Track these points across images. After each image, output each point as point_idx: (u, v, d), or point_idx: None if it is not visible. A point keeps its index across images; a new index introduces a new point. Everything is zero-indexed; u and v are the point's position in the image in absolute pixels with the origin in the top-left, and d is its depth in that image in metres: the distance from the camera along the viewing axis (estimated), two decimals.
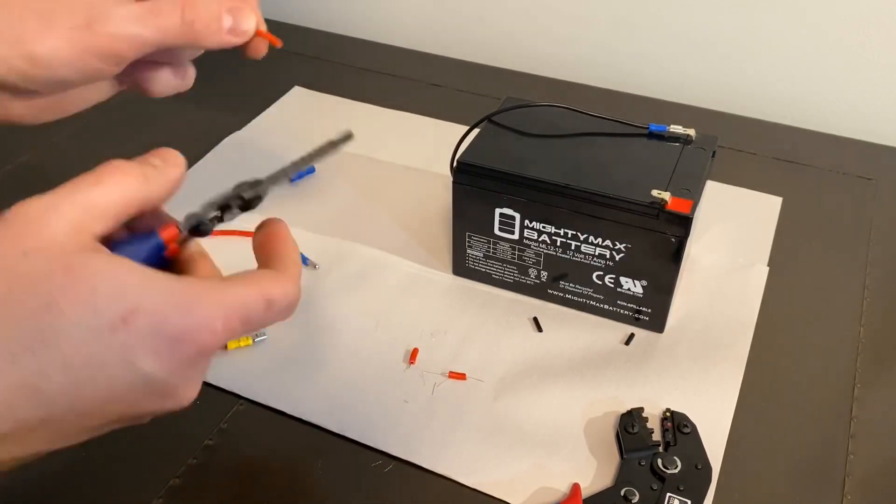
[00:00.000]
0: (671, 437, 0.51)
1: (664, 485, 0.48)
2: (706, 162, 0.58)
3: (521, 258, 0.61)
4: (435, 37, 0.99)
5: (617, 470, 0.50)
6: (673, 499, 0.48)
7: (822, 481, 0.51)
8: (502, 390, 0.56)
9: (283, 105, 0.87)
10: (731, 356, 0.58)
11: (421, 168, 0.76)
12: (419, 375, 0.57)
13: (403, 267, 0.66)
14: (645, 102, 0.87)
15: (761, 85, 0.88)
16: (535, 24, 0.95)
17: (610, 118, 0.61)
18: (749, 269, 0.66)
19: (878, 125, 0.85)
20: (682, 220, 0.54)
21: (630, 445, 0.51)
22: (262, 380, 0.56)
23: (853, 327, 0.61)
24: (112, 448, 0.52)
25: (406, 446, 0.52)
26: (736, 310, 0.62)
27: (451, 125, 0.82)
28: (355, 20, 1.03)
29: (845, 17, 0.81)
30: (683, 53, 0.90)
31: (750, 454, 0.52)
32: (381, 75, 0.92)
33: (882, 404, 0.56)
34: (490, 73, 0.93)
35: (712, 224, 0.69)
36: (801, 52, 0.85)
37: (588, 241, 0.57)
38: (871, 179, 0.77)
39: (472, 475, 0.50)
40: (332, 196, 0.73)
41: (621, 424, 0.52)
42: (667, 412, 0.53)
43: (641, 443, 0.51)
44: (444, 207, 0.68)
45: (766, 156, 0.80)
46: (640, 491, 0.48)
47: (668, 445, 0.51)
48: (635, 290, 0.58)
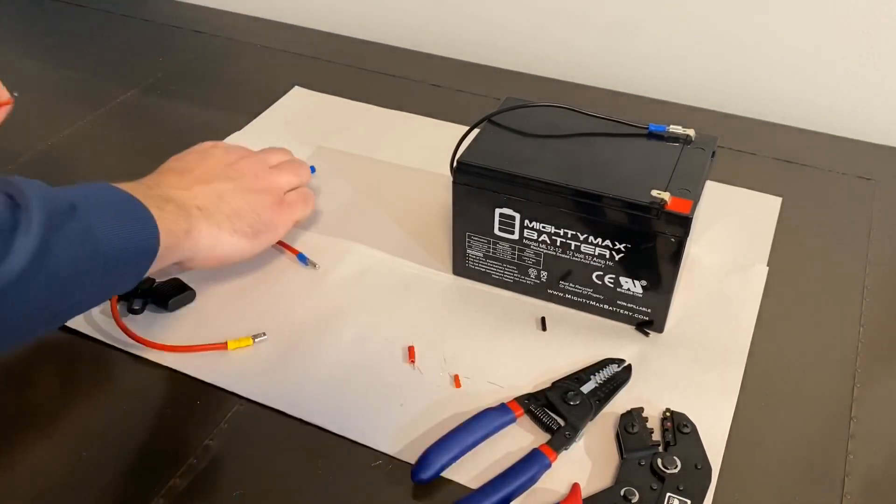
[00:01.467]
0: (671, 437, 0.51)
1: (664, 485, 0.48)
2: (706, 162, 0.58)
3: (520, 258, 0.61)
4: (435, 37, 0.99)
5: (616, 470, 0.50)
6: (673, 499, 0.48)
7: (822, 481, 0.51)
8: (502, 390, 0.56)
9: (283, 105, 0.87)
10: (731, 356, 0.58)
11: (421, 168, 0.76)
12: (419, 375, 0.57)
13: (403, 267, 0.66)
14: (645, 102, 0.87)
15: (761, 85, 0.88)
16: (535, 24, 0.95)
17: (610, 118, 0.61)
18: (749, 269, 0.66)
19: (878, 125, 0.85)
20: (682, 220, 0.54)
21: (630, 445, 0.51)
22: (262, 380, 0.56)
23: (853, 327, 0.61)
24: (112, 448, 0.52)
25: (406, 447, 0.52)
26: (736, 310, 0.62)
27: (451, 125, 0.82)
28: (355, 20, 1.03)
29: (845, 17, 0.81)
30: (683, 53, 0.90)
31: (750, 454, 0.52)
32: (381, 75, 0.92)
33: (882, 404, 0.56)
34: (490, 73, 0.93)
35: (712, 224, 0.69)
36: (802, 52, 0.85)
37: (588, 241, 0.57)
38: (871, 179, 0.77)
39: (472, 475, 0.50)
40: (332, 196, 0.73)
41: (621, 424, 0.52)
42: (666, 412, 0.53)
43: (641, 443, 0.51)
44: (444, 207, 0.69)
45: (766, 156, 0.80)
46: (640, 491, 0.48)
47: (667, 445, 0.51)
48: (635, 290, 0.58)
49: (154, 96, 0.89)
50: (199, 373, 0.56)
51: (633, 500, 0.47)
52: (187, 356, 0.57)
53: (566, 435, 0.51)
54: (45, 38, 1.01)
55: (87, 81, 0.92)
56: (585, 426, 0.52)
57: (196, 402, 0.55)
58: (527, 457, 0.50)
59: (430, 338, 0.59)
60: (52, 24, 1.05)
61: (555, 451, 0.50)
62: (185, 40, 1.00)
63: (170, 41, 1.00)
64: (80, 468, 0.51)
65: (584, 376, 0.55)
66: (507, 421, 0.52)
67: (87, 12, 1.06)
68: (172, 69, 0.94)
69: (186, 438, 0.53)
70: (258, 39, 0.99)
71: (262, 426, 0.53)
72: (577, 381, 0.55)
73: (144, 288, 0.61)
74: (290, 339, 0.59)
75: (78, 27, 1.04)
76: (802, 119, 0.86)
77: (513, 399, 0.53)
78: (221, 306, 0.62)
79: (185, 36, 1.01)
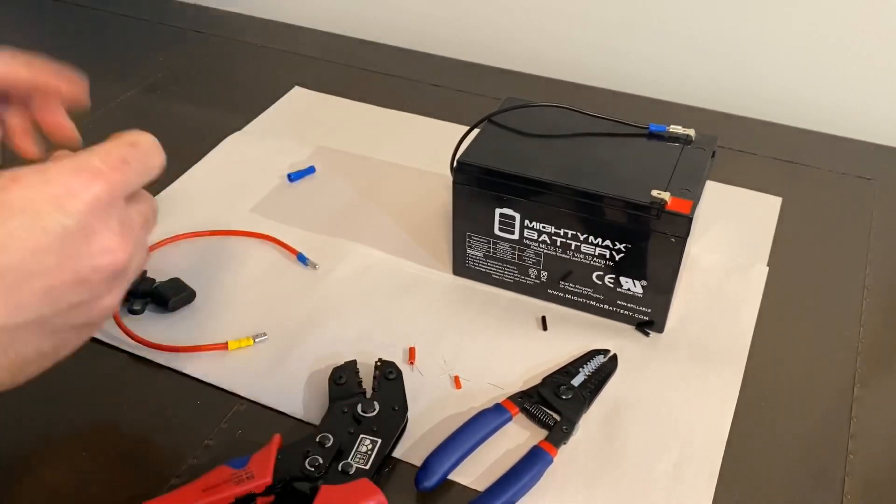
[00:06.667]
0: (377, 385, 0.53)
1: (359, 426, 0.50)
2: (706, 162, 0.58)
3: (521, 258, 0.61)
4: (435, 37, 0.99)
5: (322, 419, 0.51)
6: (365, 439, 0.50)
7: (822, 481, 0.51)
8: (502, 391, 0.56)
9: (283, 105, 0.87)
10: (731, 356, 0.58)
11: (421, 168, 0.76)
12: (419, 377, 0.57)
13: (403, 267, 0.66)
14: (645, 102, 0.87)
15: (761, 85, 0.88)
16: (535, 24, 0.95)
17: (610, 118, 0.61)
18: (749, 269, 0.66)
19: (878, 125, 0.85)
20: (682, 220, 0.54)
21: (335, 395, 0.52)
22: (263, 380, 0.56)
23: (853, 327, 0.61)
24: (112, 448, 0.52)
25: (409, 449, 0.52)
26: (736, 310, 0.62)
27: (451, 125, 0.82)
28: (355, 20, 1.03)
29: (845, 17, 0.81)
30: (683, 53, 0.90)
31: (750, 454, 0.52)
32: (381, 75, 0.92)
33: (882, 404, 0.56)
34: (490, 73, 0.93)
35: (712, 224, 0.69)
36: (802, 52, 0.85)
37: (588, 241, 0.57)
38: (871, 179, 0.77)
39: (475, 476, 0.50)
40: (332, 196, 0.73)
41: (331, 377, 0.54)
42: (377, 361, 0.55)
43: (346, 392, 0.53)
44: (444, 207, 0.69)
45: (766, 156, 0.80)
46: (336, 435, 0.49)
47: (373, 393, 0.53)
48: (635, 290, 0.58)
49: (154, 96, 0.89)
50: (199, 373, 0.56)
51: (328, 444, 0.49)
52: (187, 356, 0.57)
53: (563, 429, 0.52)
54: (46, 38, 1.01)
55: (87, 81, 0.92)
56: (581, 418, 0.53)
57: (196, 402, 0.55)
58: (529, 454, 0.50)
59: (430, 338, 0.59)
60: (53, 23, 1.05)
61: (555, 447, 0.50)
62: (185, 40, 1.00)
63: (170, 41, 1.00)
64: (81, 468, 0.51)
65: (572, 370, 0.56)
66: (504, 421, 0.52)
67: (87, 12, 1.06)
68: (172, 69, 0.94)
69: (186, 438, 0.53)
70: (258, 39, 0.99)
71: (262, 426, 0.53)
72: (566, 374, 0.55)
73: (145, 288, 0.61)
74: (291, 339, 0.59)
75: (78, 27, 1.04)
76: (802, 119, 0.86)
77: (506, 398, 0.54)
78: (221, 306, 0.62)
79: (185, 36, 1.01)
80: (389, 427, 0.51)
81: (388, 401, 0.52)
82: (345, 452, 0.49)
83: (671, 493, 0.50)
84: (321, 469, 0.47)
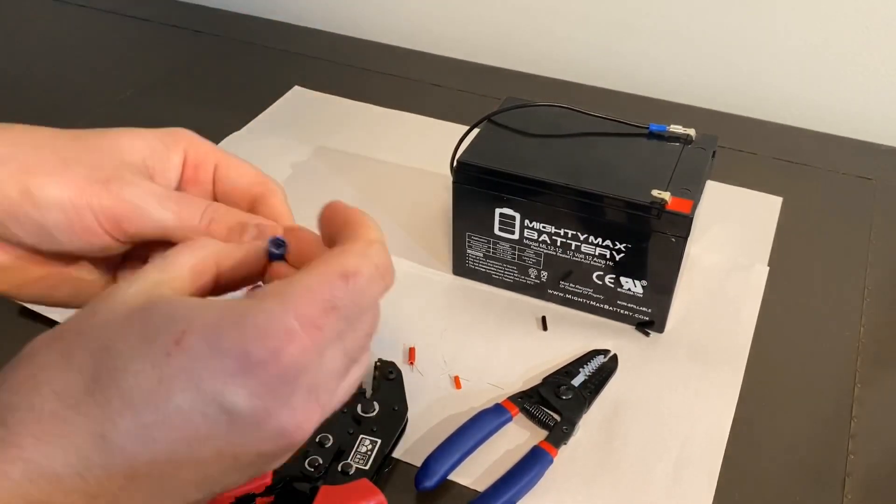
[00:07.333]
0: (377, 385, 0.53)
1: (359, 427, 0.50)
2: (706, 162, 0.58)
3: (521, 258, 0.61)
4: (435, 37, 0.99)
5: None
6: (365, 439, 0.50)
7: (822, 481, 0.51)
8: (502, 391, 0.56)
9: (283, 105, 0.86)
10: (731, 356, 0.58)
11: (421, 168, 0.76)
12: (419, 377, 0.57)
13: (403, 267, 0.66)
14: (645, 102, 0.87)
15: (761, 85, 0.88)
16: (535, 24, 0.95)
17: (610, 118, 0.61)
18: (749, 269, 0.66)
19: (878, 125, 0.85)
20: (682, 220, 0.54)
21: None
22: None
23: (853, 327, 0.61)
24: None
25: (408, 450, 0.52)
26: (736, 310, 0.62)
27: (451, 125, 0.82)
28: (355, 20, 1.03)
29: (845, 17, 0.81)
30: (683, 53, 0.90)
31: (750, 454, 0.52)
32: (381, 75, 0.92)
33: (882, 404, 0.56)
34: (490, 73, 0.93)
35: (712, 224, 0.69)
36: (802, 52, 0.85)
37: (588, 241, 0.57)
38: (871, 179, 0.77)
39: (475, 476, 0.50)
40: (332, 196, 0.72)
41: None
42: (377, 362, 0.54)
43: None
44: (444, 207, 0.68)
45: (766, 156, 0.80)
46: (336, 436, 0.49)
47: (374, 393, 0.53)
48: (635, 290, 0.58)
49: (154, 96, 0.89)
50: None
51: (327, 445, 0.49)
52: None
53: (563, 430, 0.52)
54: (46, 38, 1.01)
55: (87, 81, 0.92)
56: (581, 419, 0.53)
57: None
58: (529, 455, 0.50)
59: (430, 338, 0.59)
60: (53, 24, 1.05)
61: (555, 447, 0.50)
62: (185, 40, 1.00)
63: (170, 41, 1.00)
64: None
65: (573, 370, 0.56)
66: (504, 421, 0.52)
67: (87, 12, 1.06)
68: (172, 69, 0.94)
69: None
70: (258, 39, 0.99)
71: None
72: (566, 374, 0.55)
73: None
74: None
75: (78, 27, 1.04)
76: (802, 119, 0.86)
77: (506, 398, 0.54)
78: None
79: (185, 36, 1.01)
80: (389, 427, 0.51)
81: (387, 401, 0.52)
82: (345, 453, 0.49)
83: (671, 494, 0.50)
84: (321, 469, 0.47)
